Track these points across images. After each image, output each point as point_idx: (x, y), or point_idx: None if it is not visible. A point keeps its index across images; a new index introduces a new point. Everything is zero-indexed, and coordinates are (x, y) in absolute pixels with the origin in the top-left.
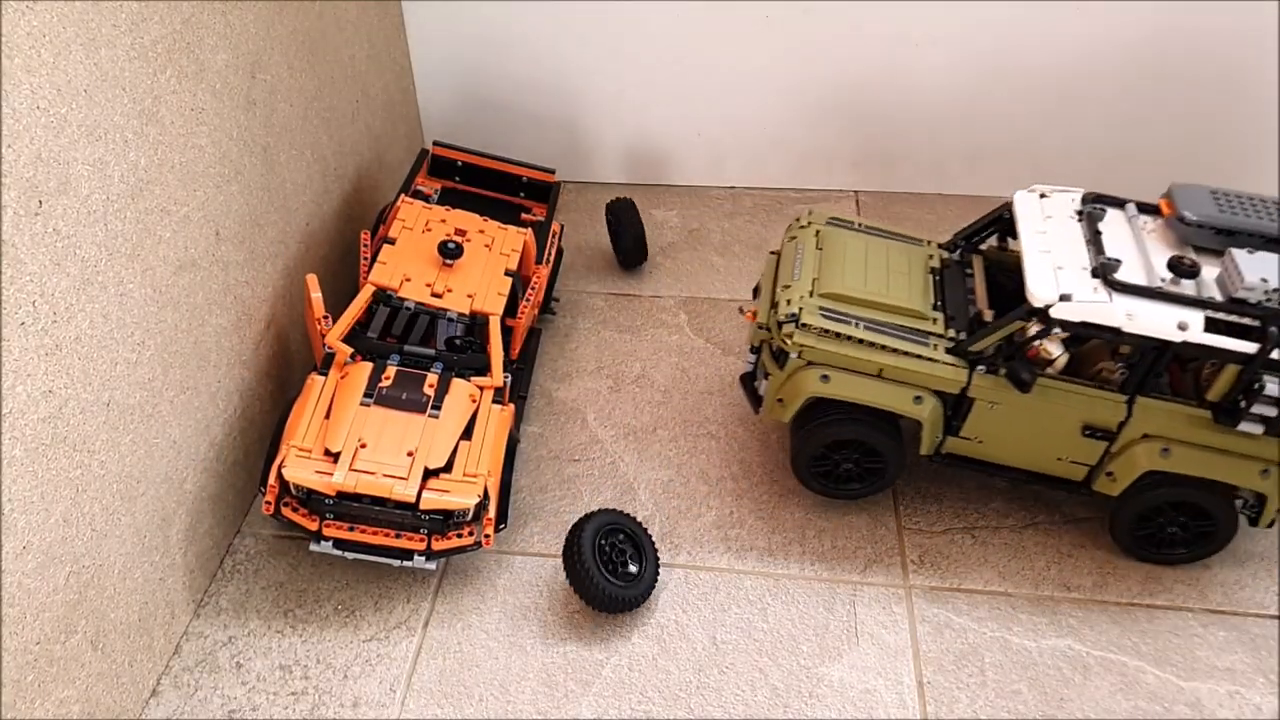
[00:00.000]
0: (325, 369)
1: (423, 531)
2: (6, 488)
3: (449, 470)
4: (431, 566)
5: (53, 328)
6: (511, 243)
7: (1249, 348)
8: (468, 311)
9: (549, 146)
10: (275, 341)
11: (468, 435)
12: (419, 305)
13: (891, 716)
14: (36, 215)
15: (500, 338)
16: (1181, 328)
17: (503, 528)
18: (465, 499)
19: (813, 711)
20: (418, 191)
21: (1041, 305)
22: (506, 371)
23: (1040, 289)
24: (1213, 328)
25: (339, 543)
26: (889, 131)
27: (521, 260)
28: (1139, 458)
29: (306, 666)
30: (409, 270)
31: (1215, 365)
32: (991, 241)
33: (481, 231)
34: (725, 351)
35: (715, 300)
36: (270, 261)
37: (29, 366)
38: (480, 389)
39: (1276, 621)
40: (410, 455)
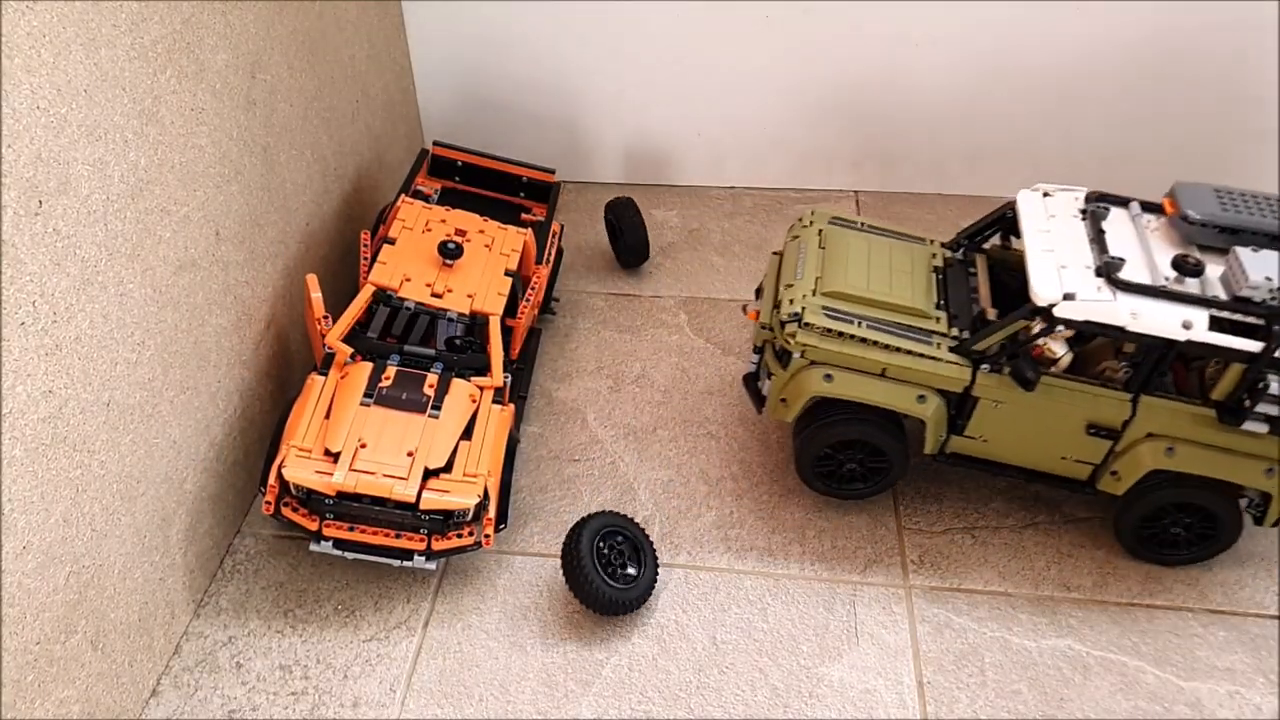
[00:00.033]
0: (325, 369)
1: (423, 531)
2: (6, 488)
3: (449, 470)
4: (431, 566)
5: (53, 328)
6: (511, 243)
7: (1254, 346)
8: (468, 311)
9: (549, 146)
10: (275, 341)
11: (468, 435)
12: (419, 305)
13: (891, 716)
14: (36, 215)
15: (500, 338)
16: (1186, 326)
17: (503, 528)
18: (465, 499)
19: (813, 711)
20: (418, 191)
21: (1045, 304)
22: (506, 371)
23: (1044, 288)
24: (1217, 326)
25: (339, 543)
26: (889, 131)
27: (521, 260)
28: (1144, 456)
29: (306, 666)
30: (409, 270)
31: (1220, 364)
32: (994, 240)
33: (481, 231)
34: (725, 351)
35: (715, 300)
36: (270, 261)
37: (29, 366)
38: (480, 389)
39: (1276, 621)
40: (410, 455)
